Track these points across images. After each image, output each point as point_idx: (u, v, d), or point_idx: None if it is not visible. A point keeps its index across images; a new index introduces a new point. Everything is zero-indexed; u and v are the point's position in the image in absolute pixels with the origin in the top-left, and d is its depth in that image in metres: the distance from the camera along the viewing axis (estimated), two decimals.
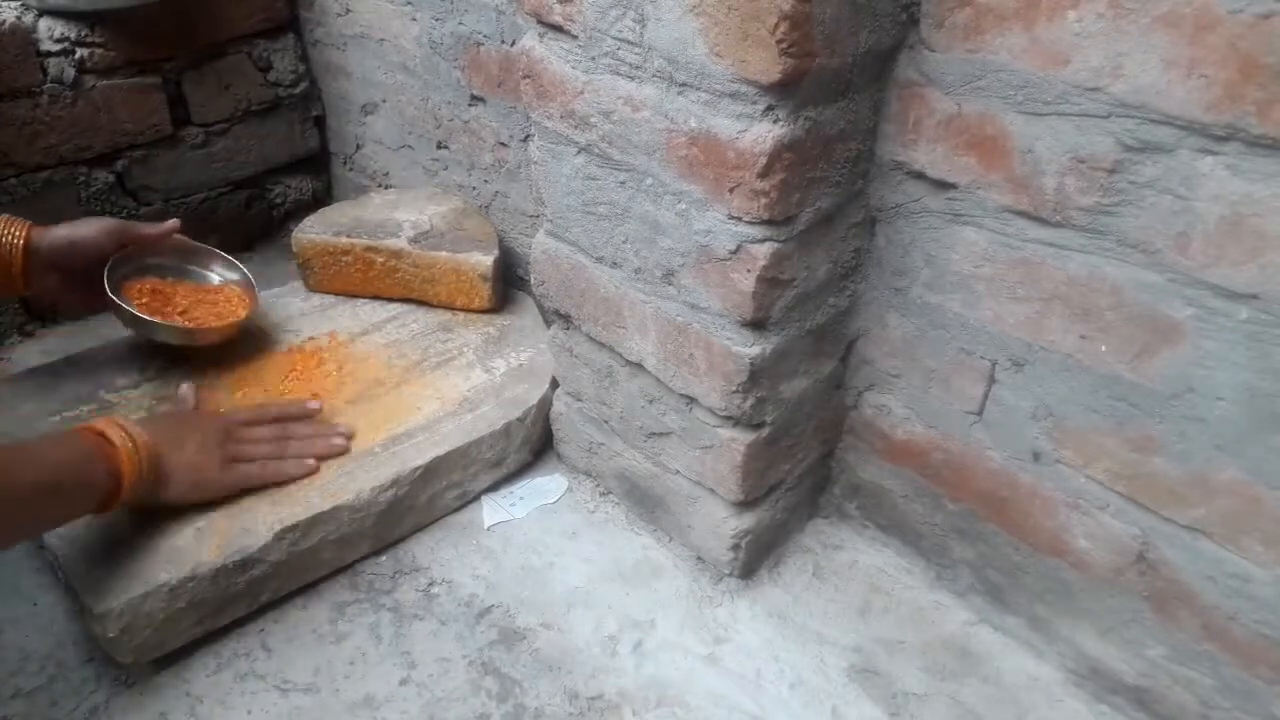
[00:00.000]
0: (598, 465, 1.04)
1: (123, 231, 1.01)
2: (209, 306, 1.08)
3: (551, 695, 0.83)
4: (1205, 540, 0.71)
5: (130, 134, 1.28)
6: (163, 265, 1.09)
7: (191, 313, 1.06)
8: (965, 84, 0.71)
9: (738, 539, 0.90)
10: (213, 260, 1.13)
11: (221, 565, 0.83)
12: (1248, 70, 0.57)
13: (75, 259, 0.98)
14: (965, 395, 0.83)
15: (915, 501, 0.92)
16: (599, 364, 0.96)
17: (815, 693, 0.84)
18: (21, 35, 1.15)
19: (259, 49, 1.39)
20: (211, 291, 1.11)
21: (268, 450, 0.92)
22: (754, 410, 0.82)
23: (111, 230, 1.00)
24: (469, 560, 0.96)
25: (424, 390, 1.05)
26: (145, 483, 0.81)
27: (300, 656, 0.86)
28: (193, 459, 0.85)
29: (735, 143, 0.69)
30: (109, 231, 0.99)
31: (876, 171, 0.80)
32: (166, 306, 1.05)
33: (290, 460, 0.92)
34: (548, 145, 0.86)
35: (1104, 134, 0.65)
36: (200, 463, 0.86)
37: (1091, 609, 0.81)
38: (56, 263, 0.97)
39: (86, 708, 0.81)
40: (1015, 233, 0.73)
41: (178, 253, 1.11)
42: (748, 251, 0.73)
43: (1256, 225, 0.60)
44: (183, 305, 1.06)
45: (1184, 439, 0.69)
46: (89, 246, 0.98)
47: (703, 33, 0.67)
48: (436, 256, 1.16)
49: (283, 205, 1.53)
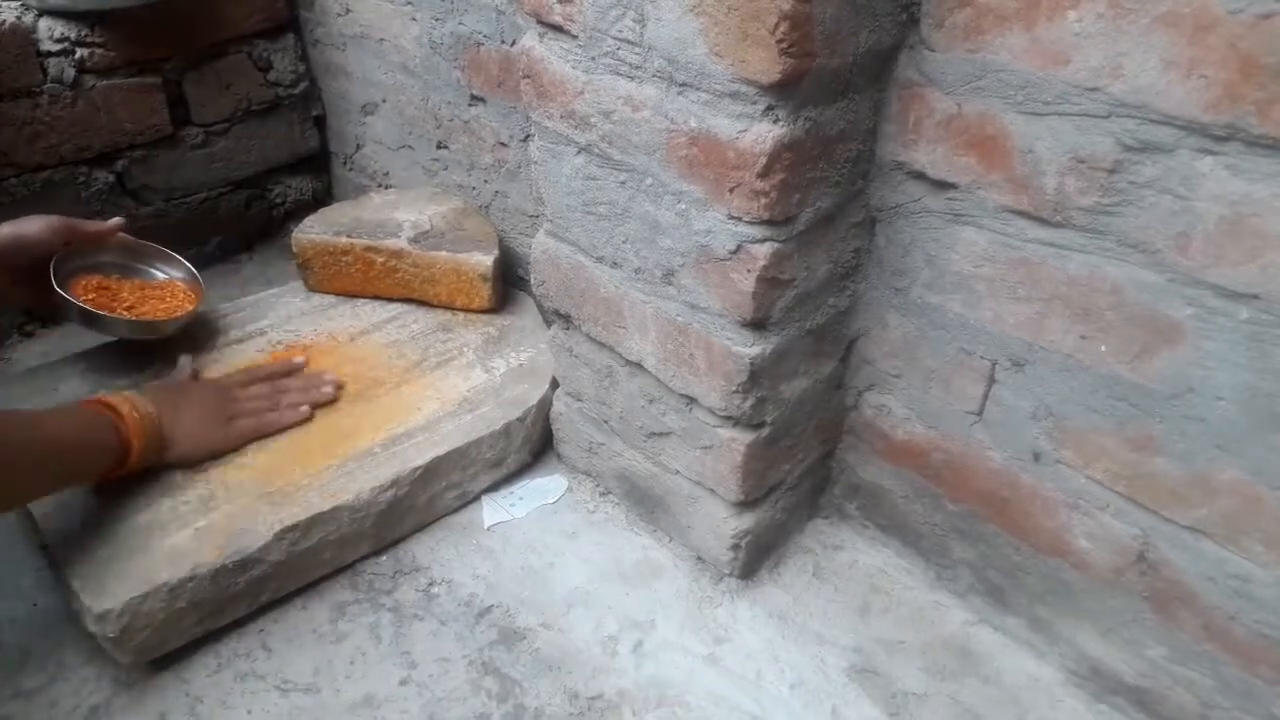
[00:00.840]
0: (598, 465, 1.04)
1: (68, 228, 1.01)
2: (156, 301, 1.09)
3: (551, 695, 0.83)
4: (1206, 540, 0.71)
5: (130, 134, 1.29)
6: (108, 263, 1.10)
7: (139, 308, 1.07)
8: (965, 84, 0.71)
9: (738, 539, 0.90)
10: (158, 257, 1.15)
11: (221, 565, 0.83)
12: (1248, 70, 0.57)
13: (20, 256, 0.98)
14: (965, 395, 0.83)
15: (915, 502, 0.92)
16: (599, 364, 0.96)
17: (815, 693, 0.84)
18: (21, 35, 1.15)
19: (259, 49, 1.39)
20: (158, 287, 1.12)
21: (263, 405, 0.98)
22: (754, 410, 0.82)
23: (56, 227, 1.00)
24: (469, 560, 0.96)
25: (424, 390, 1.05)
26: (152, 447, 0.88)
27: (300, 656, 0.86)
28: (193, 422, 0.92)
29: (735, 143, 0.69)
30: (54, 229, 1.00)
31: (876, 171, 0.80)
32: (113, 302, 1.06)
33: (286, 410, 0.98)
34: (548, 145, 0.86)
35: (1104, 134, 0.65)
36: (201, 424, 0.92)
37: (1092, 609, 0.81)
38: (2, 260, 0.97)
39: (86, 708, 0.81)
40: (1015, 233, 0.73)
41: (123, 250, 1.12)
42: (748, 251, 0.73)
43: (1256, 225, 0.60)
44: (129, 300, 1.07)
45: (1184, 439, 0.69)
46: (35, 243, 0.99)
47: (703, 33, 0.67)
48: (436, 256, 1.16)
49: (283, 205, 1.53)
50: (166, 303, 1.10)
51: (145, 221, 1.35)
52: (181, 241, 1.36)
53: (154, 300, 1.09)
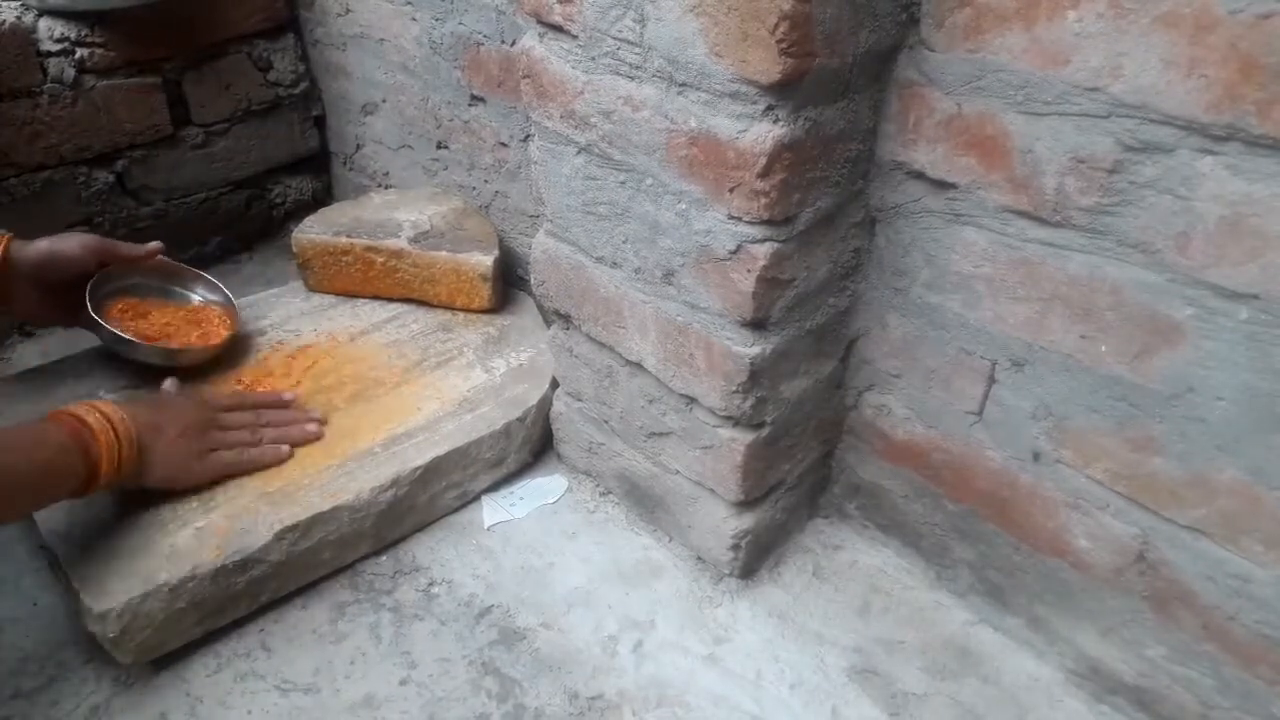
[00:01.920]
0: (598, 465, 1.04)
1: (104, 250, 1.00)
2: (191, 327, 1.07)
3: (551, 695, 0.83)
4: (1205, 540, 0.71)
5: (130, 134, 1.28)
6: (143, 285, 1.09)
7: (172, 333, 1.05)
8: (965, 84, 0.71)
9: (738, 539, 0.90)
10: (194, 281, 1.13)
11: (221, 565, 0.83)
12: (1248, 70, 0.57)
13: (54, 273, 0.97)
14: (965, 395, 0.83)
15: (915, 501, 0.92)
16: (599, 364, 0.96)
17: (815, 693, 0.84)
18: (21, 35, 1.15)
19: (259, 49, 1.39)
20: (193, 312, 1.10)
21: (244, 438, 0.93)
22: (754, 410, 0.82)
23: (93, 247, 0.99)
24: (469, 560, 0.96)
25: (424, 390, 1.05)
26: (126, 468, 0.82)
27: (300, 656, 0.86)
28: (172, 447, 0.86)
29: (735, 143, 0.69)
30: (90, 248, 0.98)
31: (876, 171, 0.80)
32: (145, 325, 1.04)
33: (267, 447, 0.94)
34: (548, 145, 0.86)
35: (1104, 134, 0.65)
36: (179, 451, 0.87)
37: (1092, 609, 0.81)
38: (36, 276, 0.96)
39: (86, 708, 0.81)
40: (1015, 233, 0.73)
41: (159, 273, 1.10)
42: (748, 251, 0.73)
43: (1256, 225, 0.60)
44: (161, 325, 1.06)
45: (1184, 439, 0.69)
46: (69, 262, 0.97)
47: (703, 33, 0.67)
48: (436, 256, 1.16)
49: (283, 205, 1.53)
50: (202, 327, 1.08)
51: (145, 221, 1.35)
52: (181, 241, 1.37)
53: (189, 325, 1.08)
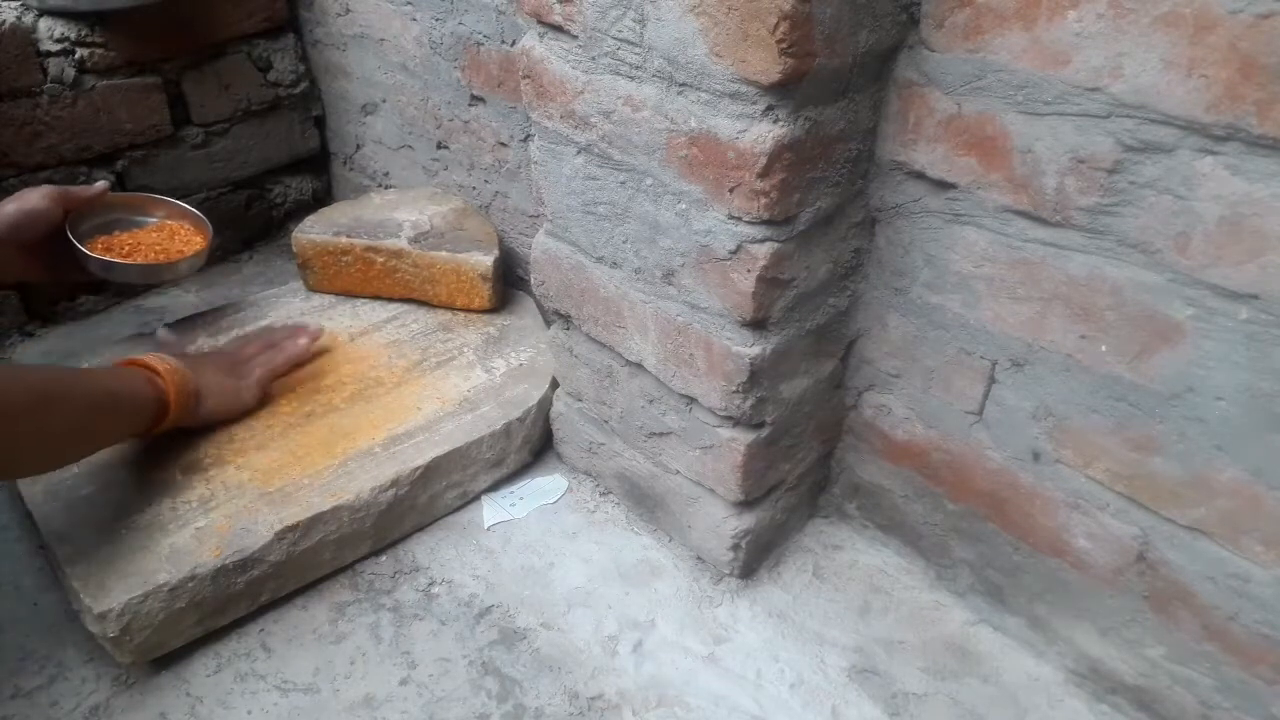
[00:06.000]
0: (598, 465, 1.04)
1: (66, 196, 1.02)
2: (166, 243, 1.11)
3: (551, 695, 0.83)
4: (1205, 540, 0.71)
5: (130, 134, 1.28)
6: (112, 220, 1.11)
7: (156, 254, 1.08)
8: (965, 84, 0.71)
9: (738, 539, 0.90)
10: (157, 206, 1.15)
11: (221, 565, 0.83)
12: (1248, 70, 0.57)
13: (29, 231, 0.98)
14: (965, 395, 0.83)
15: (915, 501, 0.92)
16: (599, 364, 0.96)
17: (815, 693, 0.84)
18: (21, 35, 1.15)
19: (259, 49, 1.39)
20: (166, 232, 1.13)
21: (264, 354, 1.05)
22: (754, 410, 0.82)
23: (55, 196, 1.01)
24: (469, 560, 0.96)
25: (424, 390, 1.05)
26: (189, 402, 0.92)
27: (300, 656, 0.86)
28: (217, 377, 0.98)
29: (735, 143, 0.69)
30: (54, 198, 1.00)
31: (876, 171, 0.80)
32: (130, 255, 1.07)
33: (286, 344, 1.07)
34: (548, 145, 0.86)
35: (1104, 134, 0.65)
36: (223, 379, 0.99)
37: (1091, 609, 0.81)
38: (13, 238, 0.98)
39: (86, 708, 0.81)
40: (1015, 233, 0.73)
41: (124, 207, 1.13)
42: (748, 251, 0.73)
43: (1256, 225, 0.60)
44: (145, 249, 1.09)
45: (1184, 439, 0.69)
46: (39, 215, 0.99)
47: (703, 33, 0.67)
48: (436, 256, 1.16)
49: (283, 205, 1.53)
50: (176, 242, 1.11)
51: None
52: None
53: (164, 242, 1.11)
